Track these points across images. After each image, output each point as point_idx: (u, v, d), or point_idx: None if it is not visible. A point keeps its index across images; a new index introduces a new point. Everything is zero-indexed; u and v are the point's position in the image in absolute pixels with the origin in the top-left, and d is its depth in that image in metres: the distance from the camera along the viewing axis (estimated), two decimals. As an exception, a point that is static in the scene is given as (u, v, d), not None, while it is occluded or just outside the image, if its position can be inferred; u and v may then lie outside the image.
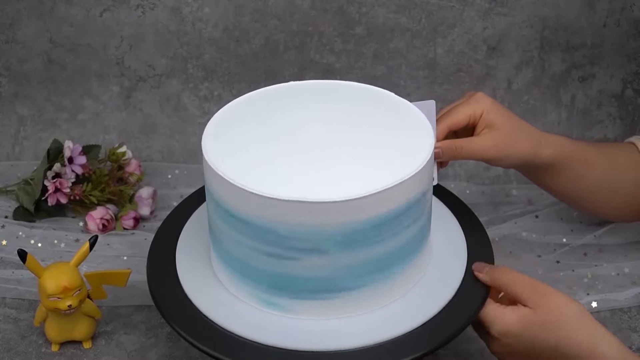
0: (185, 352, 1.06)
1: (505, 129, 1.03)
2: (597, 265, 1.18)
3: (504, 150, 1.03)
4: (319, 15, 1.35)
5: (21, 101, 1.39)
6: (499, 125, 1.03)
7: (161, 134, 1.39)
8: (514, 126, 1.04)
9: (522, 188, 1.32)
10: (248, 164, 0.93)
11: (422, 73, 1.37)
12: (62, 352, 1.06)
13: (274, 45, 1.37)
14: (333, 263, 0.91)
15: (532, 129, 1.06)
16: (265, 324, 0.94)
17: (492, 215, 1.27)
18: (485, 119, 1.03)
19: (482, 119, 1.03)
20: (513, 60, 1.35)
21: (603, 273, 1.17)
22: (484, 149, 1.03)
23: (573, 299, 0.92)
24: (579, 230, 1.23)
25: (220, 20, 1.36)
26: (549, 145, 1.06)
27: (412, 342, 0.92)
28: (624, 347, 0.90)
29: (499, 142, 1.03)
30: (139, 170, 1.31)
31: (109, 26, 1.36)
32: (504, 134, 1.03)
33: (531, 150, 1.05)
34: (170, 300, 0.97)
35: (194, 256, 1.02)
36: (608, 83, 1.37)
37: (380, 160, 0.93)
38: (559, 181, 1.10)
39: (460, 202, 1.10)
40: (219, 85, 1.39)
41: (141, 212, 1.26)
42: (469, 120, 1.03)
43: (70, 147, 1.25)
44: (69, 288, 1.01)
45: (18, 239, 1.22)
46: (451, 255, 1.02)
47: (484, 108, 1.03)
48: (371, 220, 0.90)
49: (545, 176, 1.09)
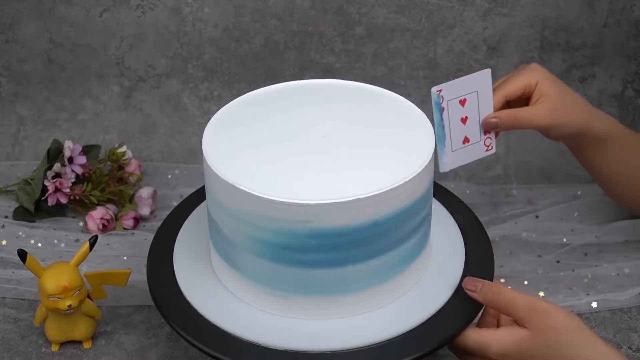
0: (186, 352, 1.06)
1: (560, 99, 1.04)
2: (597, 266, 1.18)
3: (560, 119, 1.04)
4: (319, 16, 1.35)
5: (21, 101, 1.39)
6: (554, 95, 1.04)
7: (161, 134, 1.39)
8: (568, 96, 1.05)
9: (522, 188, 1.32)
10: (248, 165, 0.93)
11: (422, 73, 1.37)
12: (62, 352, 1.06)
13: (274, 46, 1.37)
14: (333, 264, 0.91)
15: (585, 102, 1.07)
16: (265, 324, 0.94)
17: (492, 215, 1.27)
18: (541, 89, 1.04)
19: (537, 88, 1.04)
20: (513, 60, 1.35)
21: (603, 273, 1.17)
22: (540, 118, 1.04)
23: (571, 313, 0.91)
24: (579, 231, 1.23)
25: (220, 20, 1.36)
26: (602, 120, 1.07)
27: (412, 342, 0.92)
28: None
29: (555, 111, 1.04)
30: (139, 170, 1.31)
31: (109, 26, 1.36)
32: (559, 103, 1.04)
33: (585, 121, 1.06)
34: (170, 300, 0.97)
35: (194, 256, 1.02)
36: (608, 83, 1.37)
37: (382, 160, 0.93)
38: (606, 159, 1.10)
39: (460, 202, 1.10)
40: (218, 85, 1.38)
41: (141, 212, 1.26)
42: (524, 89, 1.04)
43: (70, 147, 1.25)
44: (69, 288, 1.01)
45: (18, 239, 1.22)
46: (450, 256, 1.02)
47: (539, 78, 1.04)
48: (372, 221, 0.90)
49: (594, 152, 1.10)
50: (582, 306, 1.12)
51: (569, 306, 1.11)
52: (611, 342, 1.08)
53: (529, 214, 1.27)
